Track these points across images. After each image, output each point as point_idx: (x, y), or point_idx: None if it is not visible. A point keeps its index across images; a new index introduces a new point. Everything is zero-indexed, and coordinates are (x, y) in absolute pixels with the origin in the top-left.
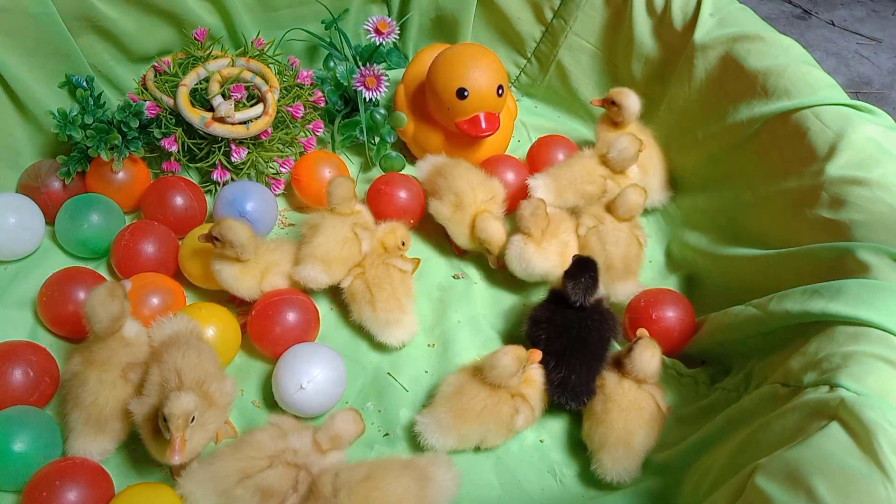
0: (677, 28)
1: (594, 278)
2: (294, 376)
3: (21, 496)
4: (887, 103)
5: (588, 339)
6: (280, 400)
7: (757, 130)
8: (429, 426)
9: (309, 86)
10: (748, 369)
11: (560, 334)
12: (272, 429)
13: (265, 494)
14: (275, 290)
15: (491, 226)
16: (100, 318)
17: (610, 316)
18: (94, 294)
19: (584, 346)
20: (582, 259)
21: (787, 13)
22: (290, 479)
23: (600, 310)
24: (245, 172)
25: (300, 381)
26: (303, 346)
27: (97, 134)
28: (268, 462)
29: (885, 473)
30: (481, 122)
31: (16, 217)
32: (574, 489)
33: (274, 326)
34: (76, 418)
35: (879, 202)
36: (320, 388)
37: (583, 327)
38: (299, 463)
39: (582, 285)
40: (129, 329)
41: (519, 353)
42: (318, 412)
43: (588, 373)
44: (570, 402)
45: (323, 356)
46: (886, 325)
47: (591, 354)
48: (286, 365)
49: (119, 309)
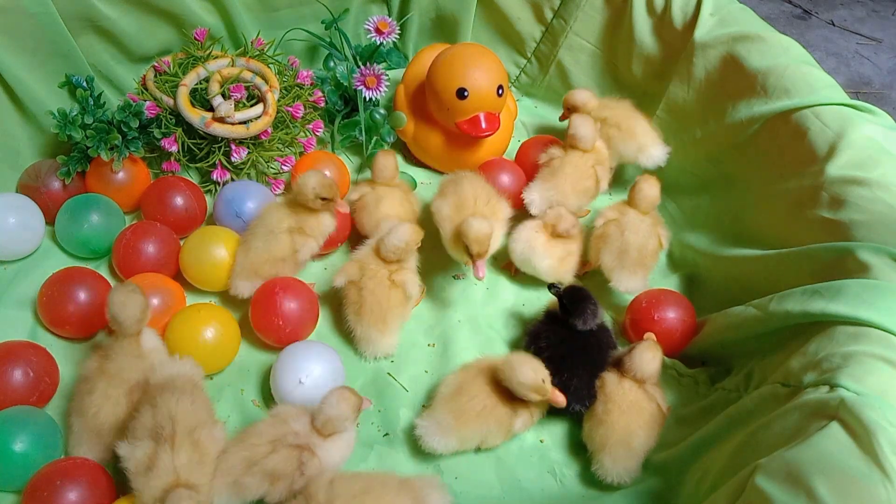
0: (677, 27)
1: (595, 303)
2: (292, 372)
3: (21, 496)
4: (887, 103)
5: (588, 346)
6: (279, 397)
7: (757, 130)
8: (429, 429)
9: (309, 86)
10: (748, 369)
11: (561, 342)
12: (271, 418)
13: (273, 478)
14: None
15: (478, 224)
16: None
17: (605, 330)
18: (117, 293)
19: (584, 351)
20: (573, 290)
21: (787, 13)
22: (294, 460)
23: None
24: (245, 172)
25: (299, 377)
26: (301, 344)
27: (97, 134)
28: (270, 447)
29: (885, 473)
30: (481, 122)
31: (16, 217)
32: (574, 489)
33: (273, 316)
34: (77, 424)
35: (879, 202)
36: (319, 384)
37: (582, 337)
38: (301, 444)
39: (590, 314)
40: (147, 341)
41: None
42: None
43: (590, 376)
44: (574, 405)
45: (321, 353)
46: (886, 325)
47: (591, 360)
48: (285, 362)
49: (143, 303)
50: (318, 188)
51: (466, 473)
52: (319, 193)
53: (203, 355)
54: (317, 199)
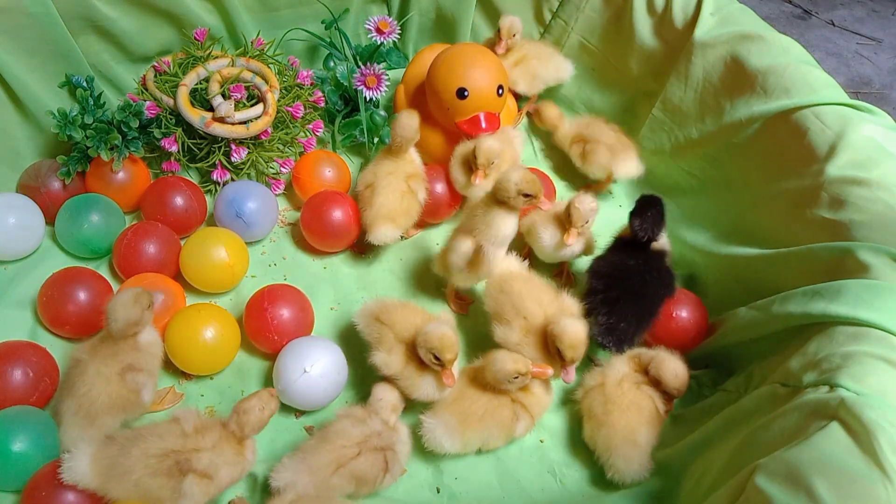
0: (678, 27)
1: (661, 213)
2: (297, 362)
3: (21, 496)
4: (887, 103)
5: (643, 294)
6: (283, 389)
7: (756, 130)
8: (435, 427)
9: (309, 86)
10: (749, 370)
11: (617, 283)
12: (348, 418)
13: (360, 481)
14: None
15: (572, 327)
16: (117, 319)
17: (668, 273)
18: (121, 295)
19: (638, 298)
20: (646, 197)
21: (787, 13)
22: (380, 462)
23: (660, 265)
24: (245, 172)
25: (303, 366)
26: (303, 339)
27: (97, 134)
28: (357, 449)
29: (885, 473)
30: (481, 121)
31: (16, 217)
32: (574, 489)
33: (268, 321)
34: (68, 407)
35: (879, 202)
36: (324, 373)
37: (640, 281)
38: (384, 446)
39: (650, 219)
40: (143, 335)
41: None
42: (321, 401)
43: (637, 324)
44: (612, 346)
45: (323, 346)
46: (886, 325)
47: (643, 308)
48: (288, 355)
49: (138, 316)
50: (521, 184)
51: (466, 473)
52: (522, 189)
53: (203, 355)
54: (519, 195)
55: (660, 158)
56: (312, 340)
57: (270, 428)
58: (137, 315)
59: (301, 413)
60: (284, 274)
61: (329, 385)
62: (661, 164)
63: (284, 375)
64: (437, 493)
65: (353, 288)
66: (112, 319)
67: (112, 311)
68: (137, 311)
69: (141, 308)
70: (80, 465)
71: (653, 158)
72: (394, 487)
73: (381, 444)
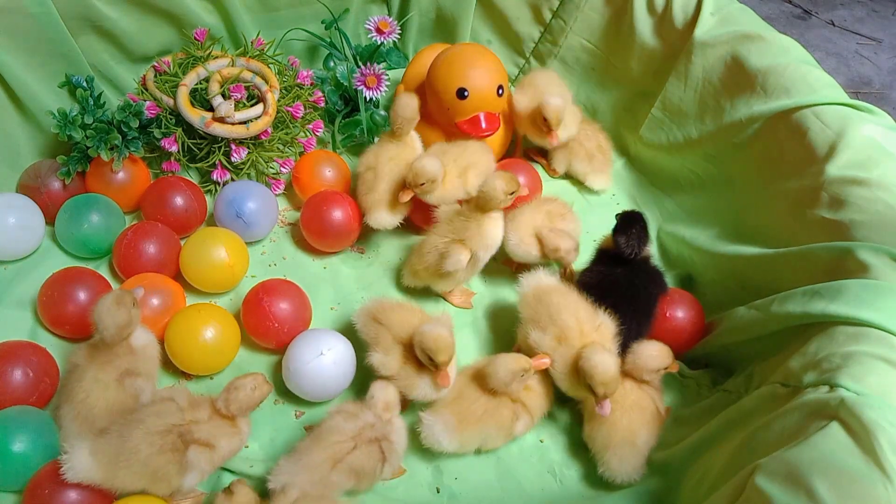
0: (678, 26)
1: (644, 229)
2: (313, 346)
3: (21, 496)
4: (887, 103)
5: (636, 297)
6: (292, 376)
7: (756, 130)
8: (435, 424)
9: (309, 86)
10: (749, 371)
11: (609, 292)
12: (340, 413)
13: (359, 475)
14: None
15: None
16: (106, 326)
17: (656, 272)
18: (102, 302)
19: (633, 302)
20: (627, 213)
21: (787, 13)
22: (376, 453)
23: (647, 268)
24: (245, 172)
25: (321, 349)
26: (319, 329)
27: (97, 134)
28: (352, 443)
29: (885, 473)
30: (481, 122)
31: (16, 217)
32: (574, 489)
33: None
34: (66, 413)
35: (879, 202)
36: (337, 360)
37: (631, 286)
38: (378, 436)
39: (635, 236)
40: (137, 338)
41: (521, 362)
42: (328, 391)
43: (637, 327)
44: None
45: (338, 338)
46: (886, 325)
47: (640, 310)
48: (303, 340)
49: (126, 318)
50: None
51: (466, 473)
52: (507, 190)
53: (203, 355)
54: (506, 196)
55: (660, 156)
56: (328, 331)
57: (270, 428)
58: (125, 317)
59: (301, 413)
60: (284, 274)
61: (339, 375)
62: (661, 161)
63: (298, 358)
64: (437, 493)
65: (352, 288)
66: (102, 328)
67: (99, 321)
68: (124, 312)
69: (126, 309)
70: (81, 460)
71: (653, 156)
72: (393, 487)
73: (376, 434)
